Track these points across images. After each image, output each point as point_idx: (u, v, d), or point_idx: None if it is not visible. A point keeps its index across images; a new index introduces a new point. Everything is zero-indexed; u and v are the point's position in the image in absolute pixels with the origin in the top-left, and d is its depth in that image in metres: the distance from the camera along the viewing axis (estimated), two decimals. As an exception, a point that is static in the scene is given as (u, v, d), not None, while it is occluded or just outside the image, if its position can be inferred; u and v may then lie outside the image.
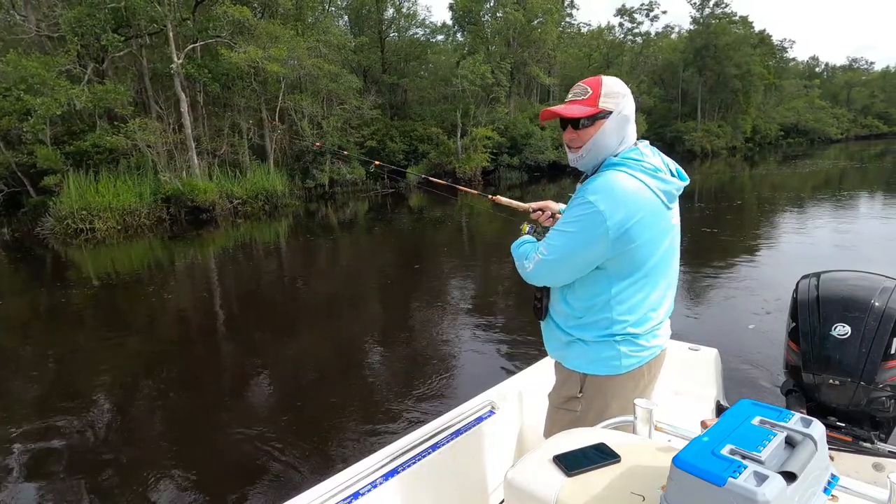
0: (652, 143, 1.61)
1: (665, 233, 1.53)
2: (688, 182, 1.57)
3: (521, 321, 6.29)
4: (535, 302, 1.71)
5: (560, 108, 1.54)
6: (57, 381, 5.46)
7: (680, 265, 1.68)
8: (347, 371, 5.28)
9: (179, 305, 8.19)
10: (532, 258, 1.57)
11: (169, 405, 4.72)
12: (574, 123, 1.53)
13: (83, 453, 3.94)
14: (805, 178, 23.89)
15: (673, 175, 1.55)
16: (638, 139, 1.60)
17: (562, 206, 1.89)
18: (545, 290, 1.66)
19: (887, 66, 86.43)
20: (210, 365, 5.72)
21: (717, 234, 11.63)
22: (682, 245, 1.65)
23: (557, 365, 1.73)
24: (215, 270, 10.94)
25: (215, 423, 4.33)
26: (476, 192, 2.58)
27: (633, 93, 1.58)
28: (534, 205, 1.94)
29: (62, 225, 15.73)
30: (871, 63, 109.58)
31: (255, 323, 7.06)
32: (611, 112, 1.51)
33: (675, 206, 1.59)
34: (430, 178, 2.92)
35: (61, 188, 16.38)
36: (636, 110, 1.58)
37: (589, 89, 1.52)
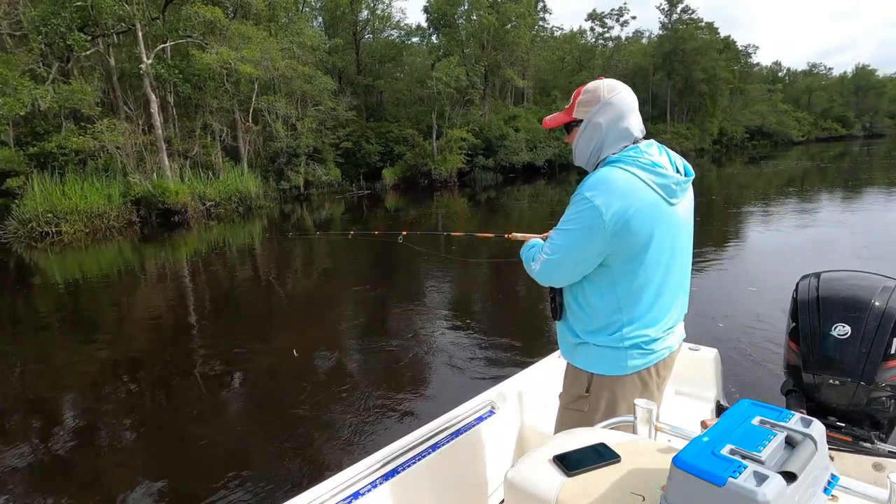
0: None
1: (669, 228, 1.55)
2: (693, 177, 1.62)
3: (509, 321, 6.31)
4: (550, 302, 1.75)
5: (545, 119, 1.75)
6: (22, 389, 5.27)
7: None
8: (334, 374, 5.21)
9: (150, 310, 7.99)
10: (538, 259, 1.63)
11: (142, 412, 4.58)
12: (566, 127, 1.71)
13: (50, 463, 3.81)
14: (770, 178, 24.62)
15: (678, 171, 1.60)
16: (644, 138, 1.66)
17: None
18: (558, 290, 1.70)
19: (844, 72, 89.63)
20: (184, 371, 5.56)
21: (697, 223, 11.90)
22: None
23: (568, 365, 1.77)
24: (187, 274, 10.71)
25: (193, 431, 4.23)
26: (490, 234, 2.59)
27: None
28: (551, 233, 2.01)
29: (26, 228, 15.25)
30: (830, 68, 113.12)
31: (231, 327, 6.92)
32: (581, 121, 1.63)
33: (684, 204, 1.61)
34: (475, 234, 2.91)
35: (25, 190, 15.84)
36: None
37: (571, 98, 1.67)
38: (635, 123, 1.60)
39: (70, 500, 3.39)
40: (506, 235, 2.25)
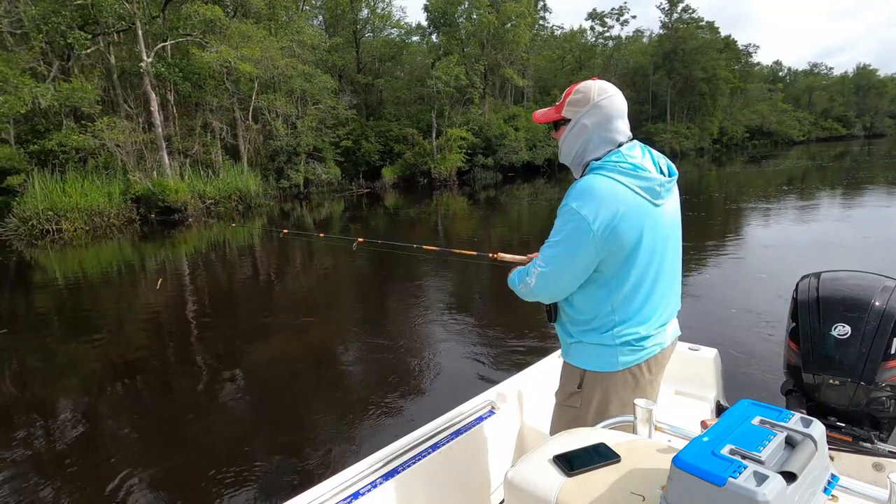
0: None
1: (656, 229, 1.56)
2: (676, 176, 1.63)
3: (509, 321, 6.31)
4: (545, 305, 1.76)
5: (535, 112, 1.74)
6: (22, 387, 5.27)
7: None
8: (334, 374, 5.22)
9: (150, 308, 7.99)
10: (532, 274, 1.62)
11: (142, 410, 4.58)
12: (554, 124, 1.70)
13: (50, 460, 3.81)
14: (771, 177, 24.61)
15: (662, 172, 1.61)
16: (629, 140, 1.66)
17: None
18: None
19: (846, 72, 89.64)
20: (183, 370, 5.56)
21: (693, 220, 11.96)
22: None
23: (563, 363, 1.80)
24: (187, 272, 10.71)
25: (192, 430, 4.24)
26: (474, 252, 2.37)
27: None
28: (534, 255, 1.96)
29: (26, 226, 15.26)
30: (831, 68, 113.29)
31: (231, 325, 6.92)
32: (569, 120, 1.63)
33: (669, 202, 1.62)
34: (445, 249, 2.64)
35: (25, 188, 15.86)
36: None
37: (562, 96, 1.67)
38: (622, 128, 1.60)
39: (70, 498, 3.40)
40: (491, 255, 2.15)
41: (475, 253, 2.36)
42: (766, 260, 8.58)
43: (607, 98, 1.58)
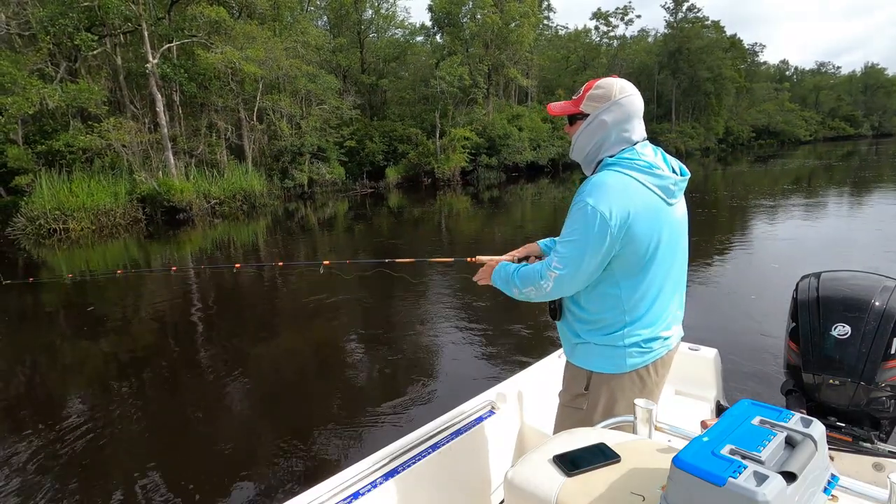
0: None
1: (670, 228, 1.54)
2: (688, 176, 1.61)
3: (510, 321, 6.31)
4: (549, 303, 1.73)
5: (551, 104, 1.70)
6: (29, 384, 5.32)
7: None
8: (335, 373, 5.23)
9: (156, 307, 8.03)
10: (548, 277, 1.55)
11: (146, 409, 4.60)
12: (569, 118, 1.66)
13: (53, 458, 3.83)
14: (777, 177, 24.50)
15: (675, 172, 1.59)
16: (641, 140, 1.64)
17: (545, 241, 1.91)
18: None
19: (853, 71, 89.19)
20: (187, 369, 5.58)
21: (701, 217, 11.96)
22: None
23: (567, 363, 1.77)
24: (192, 271, 10.74)
25: (195, 428, 4.25)
26: (450, 259, 2.38)
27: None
28: (517, 253, 1.90)
29: (34, 225, 15.37)
30: (839, 67, 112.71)
31: (235, 325, 6.95)
32: (587, 115, 1.59)
33: (680, 203, 1.61)
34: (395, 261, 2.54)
35: (33, 188, 15.98)
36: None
37: (581, 90, 1.63)
38: (638, 128, 1.59)
39: (73, 495, 3.42)
40: (469, 260, 2.07)
41: (452, 260, 2.34)
42: (777, 253, 8.76)
43: (628, 97, 1.56)
